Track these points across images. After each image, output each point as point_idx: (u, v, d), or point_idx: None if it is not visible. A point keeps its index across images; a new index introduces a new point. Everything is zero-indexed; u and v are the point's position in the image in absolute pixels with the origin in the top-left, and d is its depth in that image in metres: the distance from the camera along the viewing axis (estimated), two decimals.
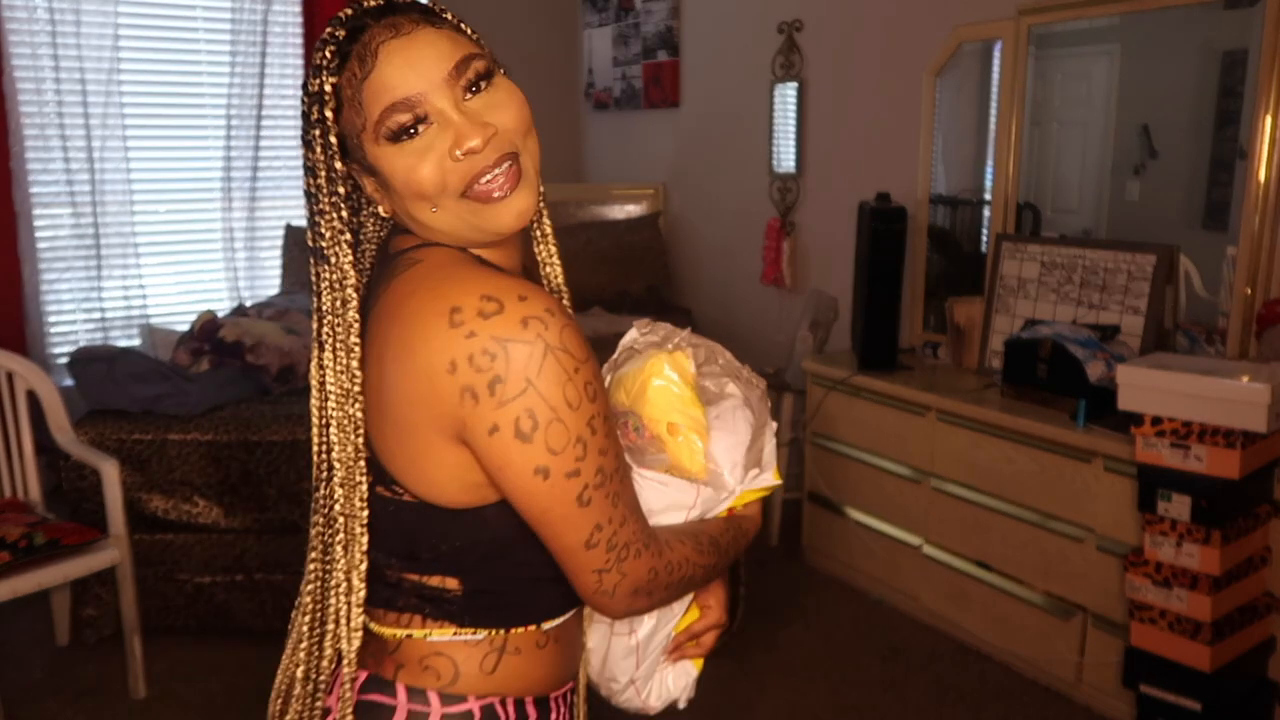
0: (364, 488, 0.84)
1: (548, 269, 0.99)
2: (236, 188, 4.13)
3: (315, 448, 0.88)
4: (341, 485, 0.84)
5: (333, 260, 0.84)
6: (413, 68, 0.80)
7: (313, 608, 0.89)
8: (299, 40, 4.15)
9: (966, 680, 2.61)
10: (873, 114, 3.45)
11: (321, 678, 0.90)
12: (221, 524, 2.70)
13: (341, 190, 0.84)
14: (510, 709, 0.89)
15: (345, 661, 0.87)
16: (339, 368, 0.83)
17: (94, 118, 3.75)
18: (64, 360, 3.53)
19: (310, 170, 0.83)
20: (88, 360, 2.78)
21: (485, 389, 0.76)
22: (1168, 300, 2.55)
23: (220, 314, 3.19)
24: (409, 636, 0.88)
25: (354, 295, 0.83)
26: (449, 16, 0.85)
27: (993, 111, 2.99)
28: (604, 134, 4.83)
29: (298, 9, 4.13)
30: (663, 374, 0.95)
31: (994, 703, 2.50)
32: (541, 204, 0.93)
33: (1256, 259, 2.36)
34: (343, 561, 0.85)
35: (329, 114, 0.82)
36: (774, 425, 1.06)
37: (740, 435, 0.99)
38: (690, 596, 1.04)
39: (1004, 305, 2.89)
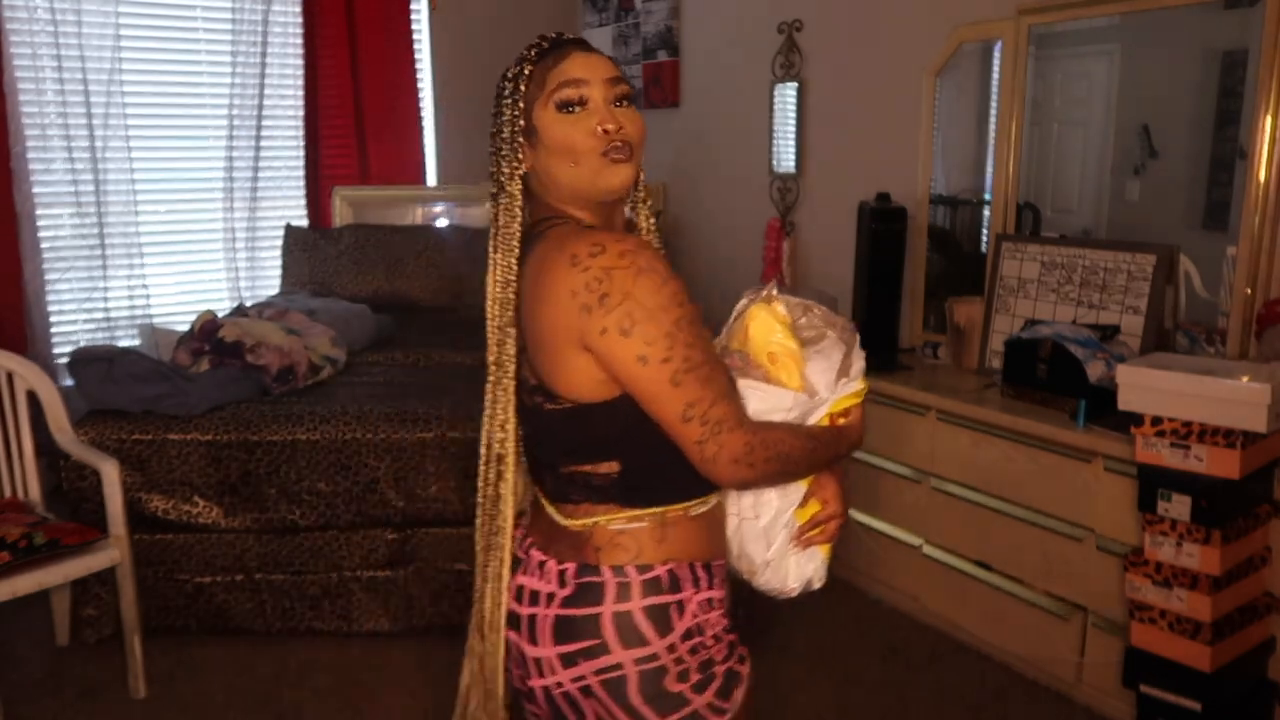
0: (511, 353, 1.16)
1: (646, 237, 1.29)
2: (237, 188, 4.13)
3: (490, 344, 1.18)
4: (498, 346, 1.17)
5: (509, 189, 1.15)
6: (588, 68, 1.14)
7: (515, 463, 1.21)
8: (299, 40, 4.16)
9: (966, 680, 2.61)
10: (873, 114, 3.45)
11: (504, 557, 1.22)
12: (221, 524, 2.70)
13: (521, 140, 1.15)
14: (684, 570, 1.15)
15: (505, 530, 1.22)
16: (503, 264, 1.15)
17: (94, 118, 3.75)
18: (64, 360, 3.53)
19: (498, 130, 1.16)
20: (87, 360, 2.77)
21: (596, 303, 1.05)
22: (1168, 300, 2.55)
23: (220, 314, 3.19)
24: (595, 524, 1.14)
25: (519, 213, 1.15)
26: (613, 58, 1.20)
27: (993, 111, 2.99)
28: None
29: (298, 9, 4.14)
30: (759, 316, 1.24)
31: (994, 703, 2.50)
32: (643, 190, 1.26)
33: (1256, 259, 2.36)
34: (497, 444, 1.20)
35: (523, 86, 1.14)
36: (862, 352, 1.29)
37: (833, 361, 1.23)
38: (806, 488, 1.25)
39: (1004, 305, 2.89)
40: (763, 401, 1.17)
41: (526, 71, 1.14)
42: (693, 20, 4.26)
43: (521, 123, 1.14)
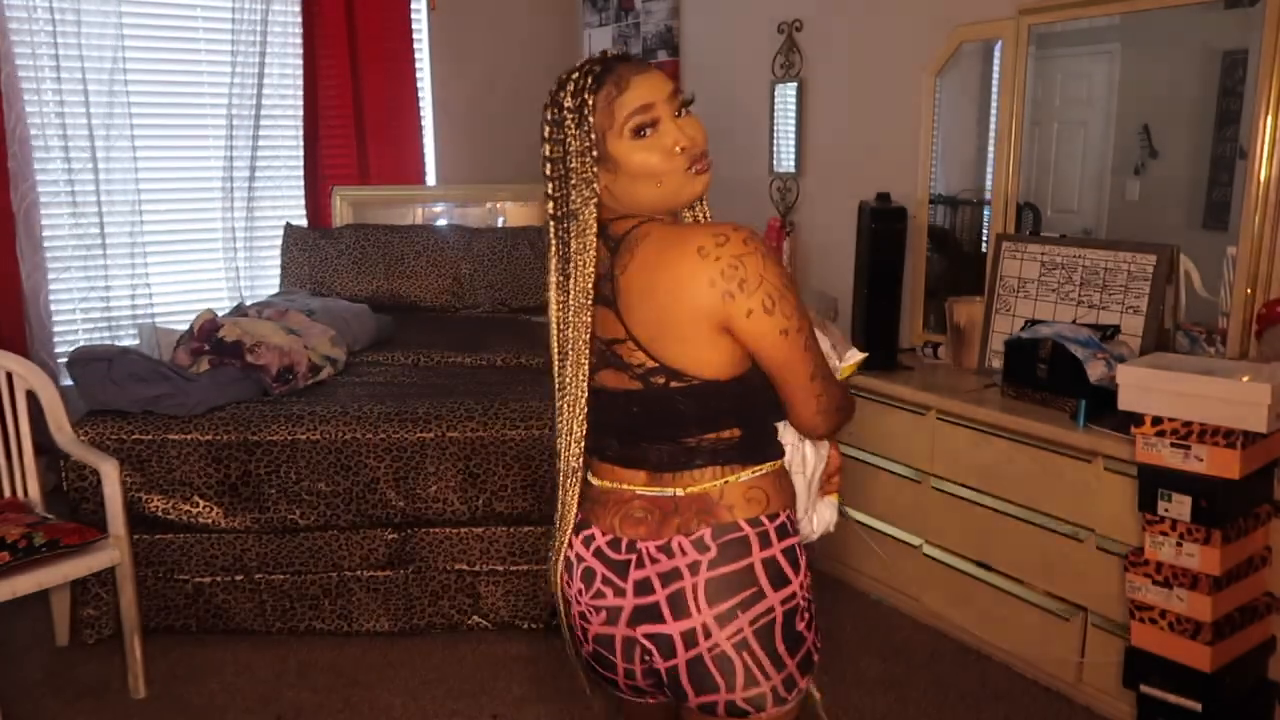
0: (586, 367, 1.24)
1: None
2: (237, 187, 4.13)
3: (555, 344, 1.27)
4: (572, 366, 1.24)
5: (582, 216, 1.21)
6: (651, 89, 1.20)
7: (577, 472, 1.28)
8: (298, 40, 4.15)
9: (966, 680, 2.61)
10: (873, 114, 3.45)
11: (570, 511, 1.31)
12: (221, 524, 2.70)
13: (593, 171, 1.20)
14: (792, 515, 1.29)
15: (566, 514, 1.31)
16: (579, 288, 1.22)
17: (94, 118, 3.75)
18: (64, 360, 3.53)
19: (561, 159, 1.21)
20: (87, 360, 2.77)
21: (737, 288, 1.15)
22: (1168, 300, 2.55)
23: (220, 314, 3.18)
24: (726, 483, 1.24)
25: (593, 239, 1.22)
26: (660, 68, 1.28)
27: (993, 111, 2.99)
28: None
29: (297, 9, 4.13)
30: None
31: (994, 703, 2.50)
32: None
33: (1256, 259, 2.36)
34: (570, 419, 1.26)
35: (590, 118, 1.19)
36: (845, 337, 1.48)
37: (830, 335, 1.41)
38: (827, 445, 1.41)
39: (1004, 305, 2.89)
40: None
41: (589, 103, 1.19)
42: (693, 20, 4.27)
43: (595, 153, 1.20)
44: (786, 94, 3.75)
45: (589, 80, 1.19)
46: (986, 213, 3.09)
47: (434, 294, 4.03)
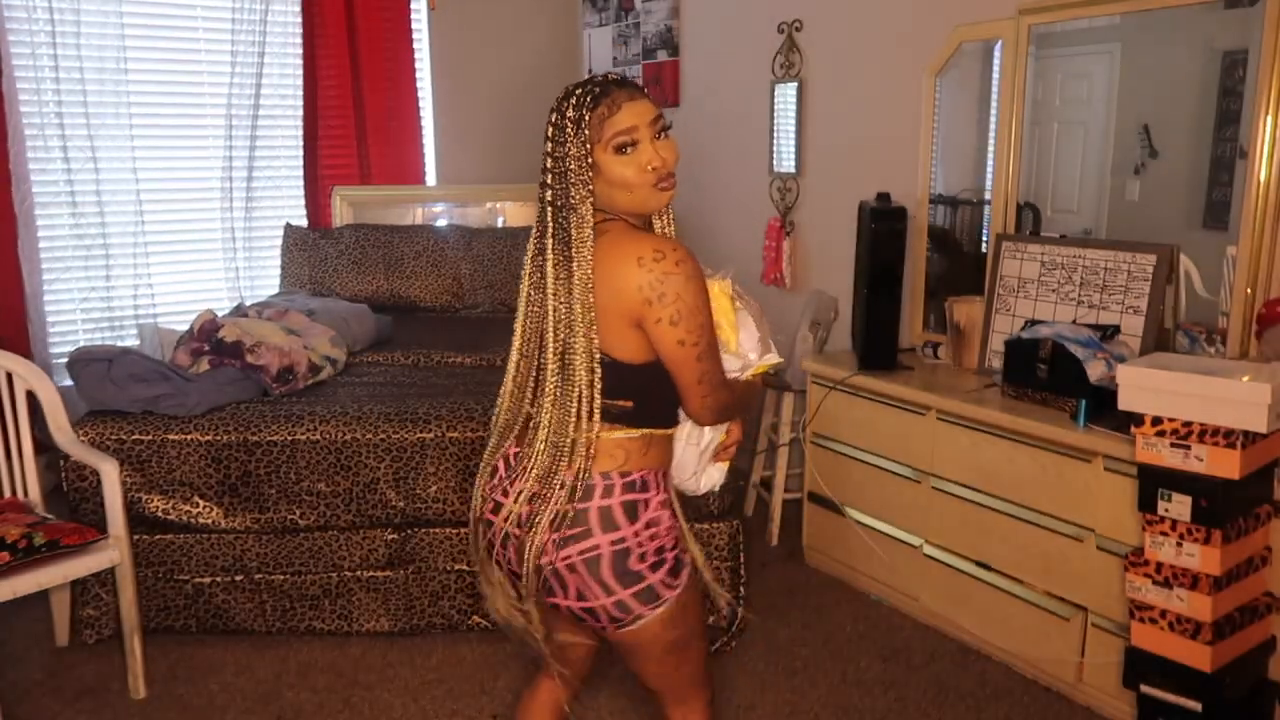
0: (595, 341, 1.46)
1: (667, 232, 1.62)
2: (237, 187, 4.13)
3: (550, 319, 1.49)
4: (584, 337, 1.45)
5: (581, 210, 1.45)
6: (636, 116, 1.45)
7: (551, 424, 1.50)
8: (298, 40, 4.16)
9: (966, 680, 2.61)
10: (873, 114, 3.45)
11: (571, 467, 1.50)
12: (221, 524, 2.70)
13: (589, 174, 1.45)
14: (652, 476, 1.54)
15: (580, 459, 1.49)
16: (581, 271, 1.44)
17: (94, 118, 3.75)
18: (64, 360, 3.53)
19: (561, 158, 1.45)
20: (87, 360, 2.77)
21: (657, 298, 1.42)
22: (1168, 300, 2.55)
23: (220, 314, 3.18)
24: (599, 438, 1.48)
25: (591, 231, 1.45)
26: (648, 93, 1.50)
27: (993, 111, 2.99)
28: None
29: (297, 9, 4.14)
30: (713, 292, 1.56)
31: (994, 703, 2.50)
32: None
33: (1256, 259, 2.36)
34: (587, 389, 1.47)
35: (587, 131, 1.43)
36: (770, 341, 1.67)
37: (751, 332, 1.62)
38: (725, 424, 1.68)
39: (1004, 305, 2.89)
40: (726, 366, 1.59)
41: (586, 118, 1.43)
42: (693, 20, 4.27)
43: (590, 160, 1.44)
44: (786, 94, 3.75)
45: (589, 99, 1.43)
46: (986, 213, 3.09)
47: (434, 294, 4.03)
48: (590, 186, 1.46)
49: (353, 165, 4.36)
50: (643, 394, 1.51)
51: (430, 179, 4.64)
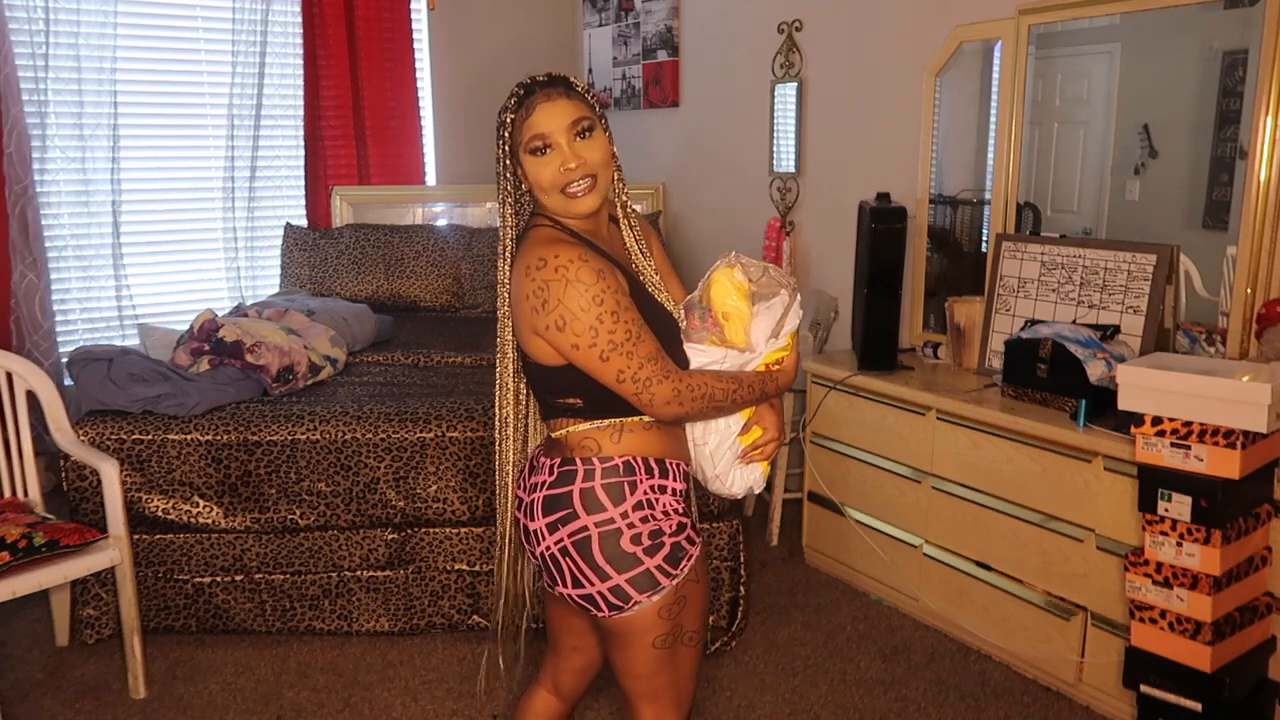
0: (511, 344, 1.56)
1: (626, 237, 1.64)
2: (237, 187, 4.13)
3: (500, 324, 1.57)
4: (502, 331, 1.56)
5: (504, 213, 1.52)
6: (549, 121, 1.44)
7: (514, 421, 1.63)
8: (299, 40, 4.16)
9: (966, 680, 2.61)
10: (873, 114, 3.45)
11: (524, 460, 1.64)
12: (221, 524, 2.70)
13: (511, 175, 1.51)
14: (638, 461, 1.52)
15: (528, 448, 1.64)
16: (501, 275, 1.53)
17: (94, 118, 3.75)
18: (64, 360, 3.53)
19: (498, 160, 1.50)
20: (87, 360, 2.77)
21: (541, 305, 1.42)
22: (1168, 300, 2.55)
23: (220, 314, 3.18)
24: (568, 433, 1.53)
25: (511, 232, 1.52)
26: (579, 88, 1.49)
27: (993, 111, 2.99)
28: None
29: (297, 9, 4.14)
30: (720, 281, 1.57)
31: (994, 703, 2.50)
32: (625, 198, 1.62)
33: (1256, 259, 2.36)
34: (510, 394, 1.61)
35: (507, 134, 1.47)
36: (799, 314, 1.62)
37: (772, 316, 1.56)
38: (742, 420, 1.62)
39: (1004, 305, 2.89)
40: (700, 357, 1.56)
41: (509, 120, 1.47)
42: (693, 20, 4.26)
43: (509, 161, 1.50)
44: (786, 94, 3.75)
45: (513, 101, 1.47)
46: (986, 213, 3.09)
47: (434, 294, 4.03)
48: (511, 190, 1.51)
49: (353, 165, 4.36)
50: (584, 390, 1.50)
51: (430, 179, 4.64)
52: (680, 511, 1.55)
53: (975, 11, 3.00)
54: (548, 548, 1.52)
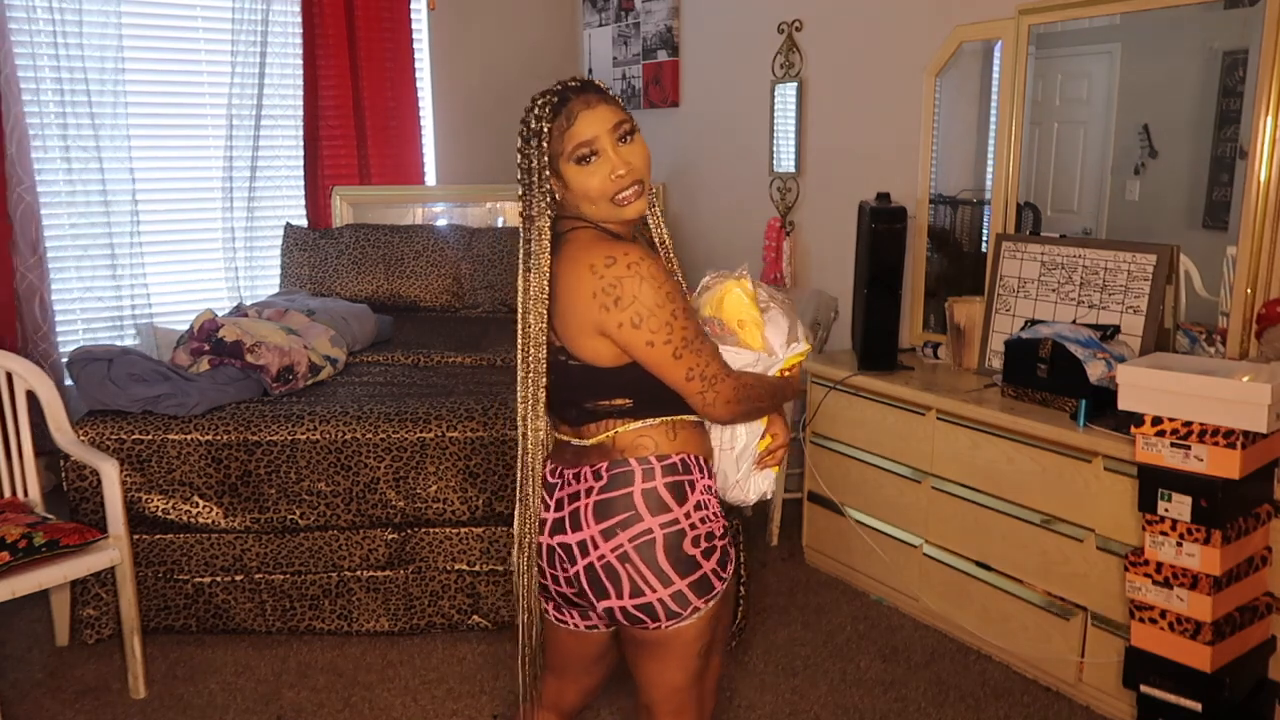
0: (544, 350, 1.47)
1: (658, 236, 1.65)
2: (237, 187, 4.13)
3: (519, 329, 1.49)
4: (535, 347, 1.47)
5: (539, 222, 1.45)
6: (594, 125, 1.42)
7: (545, 440, 1.54)
8: (299, 40, 4.15)
9: (966, 680, 2.61)
10: (873, 114, 3.45)
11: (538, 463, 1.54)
12: (221, 524, 2.70)
13: (548, 185, 1.45)
14: (692, 460, 1.50)
15: (530, 456, 1.53)
16: (537, 282, 1.45)
17: (94, 118, 3.75)
18: (65, 360, 3.53)
19: (529, 169, 1.45)
20: (87, 360, 2.77)
21: (613, 304, 1.38)
22: (1168, 300, 2.55)
23: (220, 314, 3.18)
24: (616, 434, 1.48)
25: (549, 242, 1.45)
26: (612, 94, 1.48)
27: (993, 111, 2.99)
28: None
29: (297, 9, 4.14)
30: (734, 292, 1.59)
31: (994, 703, 2.50)
32: (655, 203, 1.60)
33: (1256, 259, 2.36)
34: (533, 389, 1.50)
35: (545, 143, 1.43)
36: (802, 326, 1.66)
37: (781, 327, 1.61)
38: (764, 424, 1.62)
39: (1004, 305, 2.89)
40: (736, 360, 1.56)
41: (546, 130, 1.43)
42: (693, 20, 4.27)
43: (547, 172, 1.44)
44: (786, 94, 3.75)
45: (548, 110, 1.43)
46: (986, 213, 3.09)
47: (434, 294, 4.03)
48: (550, 199, 1.45)
49: (353, 165, 4.36)
50: (636, 390, 1.47)
51: (430, 179, 4.64)
52: (723, 514, 1.53)
53: (975, 12, 3.00)
54: (602, 555, 1.46)
